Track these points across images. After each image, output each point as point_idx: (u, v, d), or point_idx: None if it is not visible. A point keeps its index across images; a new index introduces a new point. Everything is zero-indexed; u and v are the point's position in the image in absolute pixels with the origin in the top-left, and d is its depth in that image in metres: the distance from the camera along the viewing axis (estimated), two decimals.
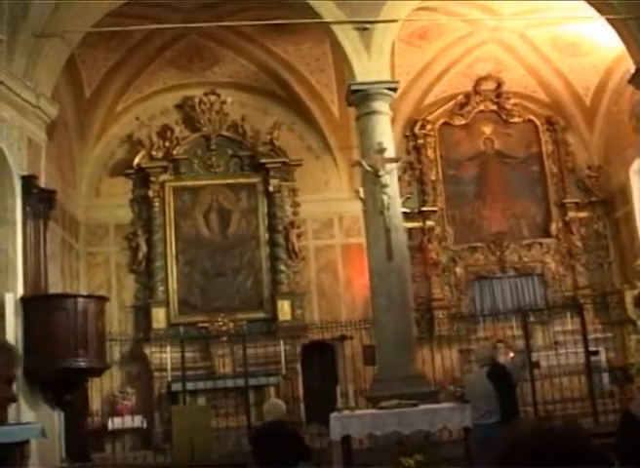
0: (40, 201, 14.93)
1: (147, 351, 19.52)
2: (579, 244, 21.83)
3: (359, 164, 15.18)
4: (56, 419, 13.77)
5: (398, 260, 14.78)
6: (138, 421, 18.81)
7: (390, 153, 15.22)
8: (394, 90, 15.72)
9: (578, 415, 15.79)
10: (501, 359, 11.41)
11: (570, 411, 16.03)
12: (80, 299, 14.14)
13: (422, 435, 12.33)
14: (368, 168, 14.86)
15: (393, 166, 15.12)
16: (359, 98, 15.51)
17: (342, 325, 18.43)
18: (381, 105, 15.51)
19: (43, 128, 15.73)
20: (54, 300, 13.92)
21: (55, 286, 17.13)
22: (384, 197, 14.66)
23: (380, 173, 14.69)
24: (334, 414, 12.19)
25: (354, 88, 15.42)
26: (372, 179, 14.94)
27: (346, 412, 12.36)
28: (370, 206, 15.21)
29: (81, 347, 13.78)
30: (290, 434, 9.66)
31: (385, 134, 15.36)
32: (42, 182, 15.53)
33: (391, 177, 14.97)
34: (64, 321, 13.62)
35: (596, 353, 17.22)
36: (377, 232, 14.89)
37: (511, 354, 12.77)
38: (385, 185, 14.70)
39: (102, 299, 14.85)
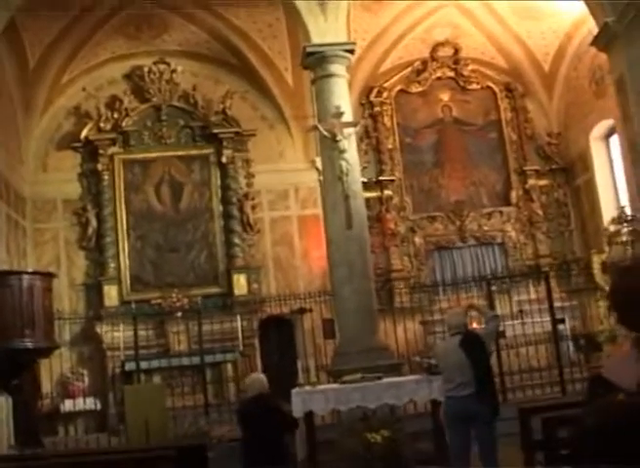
0: None
1: (99, 330, 18.72)
2: (539, 212, 21.34)
3: (316, 128, 14.51)
4: (3, 404, 12.98)
5: (358, 229, 14.13)
6: (91, 403, 18.03)
7: (348, 117, 14.53)
8: (351, 52, 15.05)
9: (545, 385, 15.32)
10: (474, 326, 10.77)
11: (536, 381, 15.54)
12: (25, 276, 13.33)
13: (388, 409, 11.71)
14: (325, 133, 14.18)
15: (351, 130, 14.45)
16: (315, 61, 14.82)
17: (301, 297, 17.69)
18: (338, 68, 14.84)
19: None
20: None
21: (1, 265, 16.34)
22: (343, 163, 13.98)
23: (338, 137, 14.01)
24: (295, 390, 11.56)
25: (310, 50, 14.74)
26: (329, 145, 14.26)
27: (308, 388, 11.74)
28: (327, 172, 14.54)
29: (28, 327, 12.99)
30: (275, 407, 9.08)
31: (343, 97, 14.69)
32: None
33: (349, 143, 14.31)
34: (9, 299, 12.82)
35: (563, 321, 16.68)
36: (335, 200, 14.22)
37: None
38: (343, 151, 14.03)
39: (49, 276, 14.02)
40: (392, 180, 20.95)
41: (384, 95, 21.44)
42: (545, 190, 21.59)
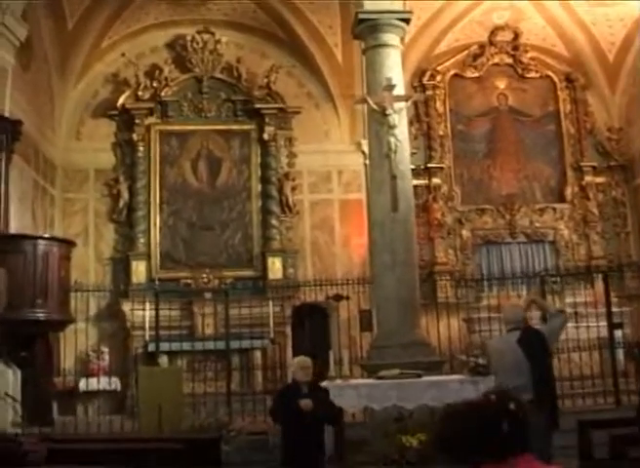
0: (2, 131, 12.96)
1: (125, 307, 17.57)
2: (595, 211, 19.90)
3: (364, 101, 13.16)
4: (9, 377, 11.82)
5: (404, 211, 12.79)
6: (111, 383, 16.87)
7: (400, 90, 13.18)
8: (406, 21, 13.67)
9: (597, 394, 13.93)
10: (535, 322, 9.37)
11: (587, 390, 14.14)
12: (41, 242, 12.21)
13: (427, 411, 10.39)
14: (374, 106, 12.85)
15: (403, 105, 13.10)
16: (367, 30, 13.50)
17: (338, 283, 16.31)
18: (392, 38, 13.50)
19: (10, 50, 13.77)
20: (9, 241, 11.94)
21: (25, 231, 15.21)
22: (392, 139, 12.64)
23: (388, 111, 12.67)
24: (325, 383, 10.25)
25: (362, 17, 13.40)
26: (378, 119, 12.93)
27: (339, 382, 10.45)
28: (374, 149, 13.19)
29: (40, 297, 11.86)
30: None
31: (395, 69, 13.35)
32: (6, 111, 13.58)
33: (400, 118, 12.96)
34: (21, 266, 11.73)
35: (620, 326, 15.24)
36: (381, 179, 12.88)
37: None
38: (393, 126, 12.69)
39: (68, 244, 12.92)
40: (441, 168, 19.62)
41: (438, 78, 20.09)
42: (602, 188, 20.15)
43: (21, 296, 11.45)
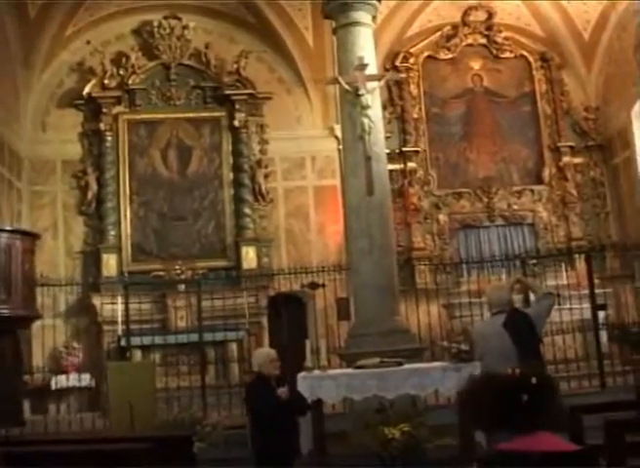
0: None
1: (96, 302, 17.02)
2: (573, 192, 19.47)
3: (336, 81, 12.67)
4: None
5: (380, 195, 12.30)
6: (84, 380, 16.39)
7: (373, 70, 12.70)
8: None
9: (582, 377, 13.54)
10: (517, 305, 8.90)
11: (572, 373, 13.76)
12: (2, 235, 11.60)
13: (409, 400, 9.94)
14: (346, 86, 12.34)
15: (376, 85, 12.59)
16: (337, 8, 12.98)
17: (313, 271, 15.82)
18: (363, 16, 12.98)
19: None
20: None
21: None
22: (365, 120, 12.15)
23: (361, 91, 12.17)
24: (302, 375, 9.81)
25: None
26: (350, 100, 12.43)
27: (317, 372, 9.96)
28: (347, 131, 12.70)
29: (3, 292, 11.31)
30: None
31: (367, 48, 12.84)
32: None
33: (373, 98, 12.46)
34: None
35: (604, 307, 14.84)
36: (355, 162, 12.39)
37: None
38: (366, 107, 12.20)
39: (32, 236, 12.30)
40: (417, 152, 19.14)
41: (411, 60, 19.59)
42: (580, 169, 19.73)
43: None
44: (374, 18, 13.34)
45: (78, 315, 17.41)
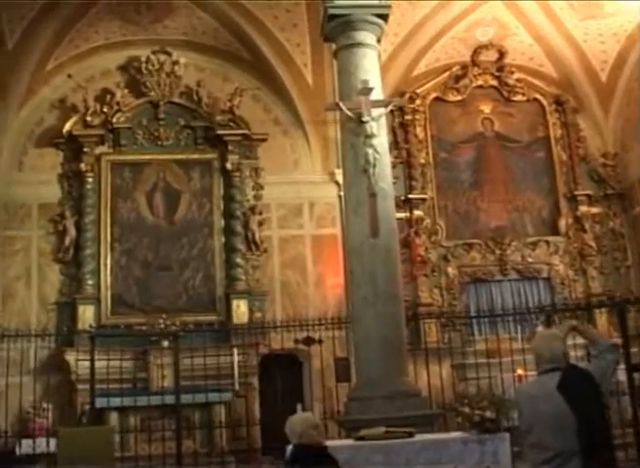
0: None
1: (70, 357, 15.13)
2: (592, 243, 17.77)
3: (337, 107, 10.94)
4: None
5: (385, 237, 10.52)
6: (54, 445, 14.39)
7: (378, 95, 10.98)
8: (384, 18, 11.49)
9: (617, 447, 11.56)
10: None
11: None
12: None
13: None
14: (348, 112, 10.63)
15: (382, 111, 10.86)
16: (338, 27, 11.42)
17: (310, 324, 13.84)
18: (367, 36, 11.41)
19: None
20: None
21: None
22: (370, 151, 10.44)
23: (365, 118, 10.46)
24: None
25: (332, 12, 11.32)
26: (353, 129, 10.74)
27: None
28: (349, 164, 10.95)
29: None
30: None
31: (372, 71, 11.21)
32: None
33: (379, 127, 10.74)
34: None
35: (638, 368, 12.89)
36: (358, 199, 10.64)
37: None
38: (371, 135, 10.50)
39: None
40: (424, 200, 17.47)
41: (417, 102, 18.00)
42: (599, 219, 18.07)
43: None
44: (379, 40, 11.66)
45: (49, 372, 15.45)
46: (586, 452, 4.90)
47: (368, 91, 10.60)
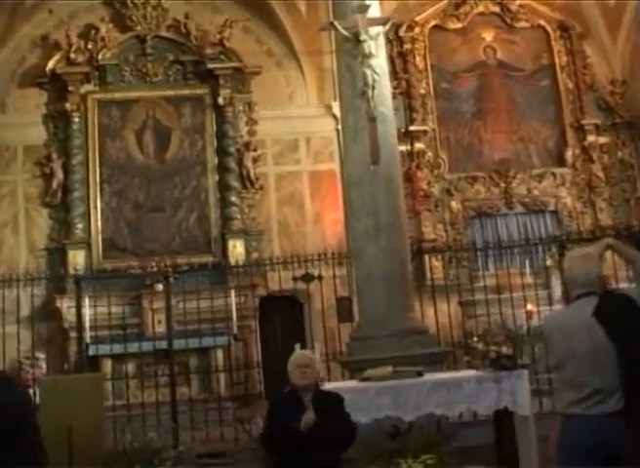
0: None
1: (61, 305, 14.42)
2: (600, 174, 16.97)
3: (332, 26, 10.02)
4: None
5: (387, 164, 9.72)
6: None
7: (376, 12, 10.09)
8: None
9: None
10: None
11: None
12: None
13: (432, 423, 7.33)
14: (344, 31, 9.74)
15: (380, 30, 9.98)
16: None
17: (308, 260, 12.95)
18: None
19: None
20: None
21: None
22: (368, 72, 9.58)
23: (362, 37, 9.57)
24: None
25: None
26: (350, 50, 9.89)
27: None
28: (347, 87, 10.13)
29: None
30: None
31: None
32: None
33: (377, 46, 9.87)
34: None
35: None
36: (356, 124, 9.83)
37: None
38: (369, 55, 9.63)
39: None
40: (425, 132, 16.61)
41: (416, 30, 17.03)
42: (607, 149, 17.20)
43: None
44: None
45: (42, 321, 14.76)
46: (629, 389, 4.16)
47: (365, 8, 9.72)
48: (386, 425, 7.23)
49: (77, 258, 14.95)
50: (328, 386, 7.60)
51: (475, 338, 9.19)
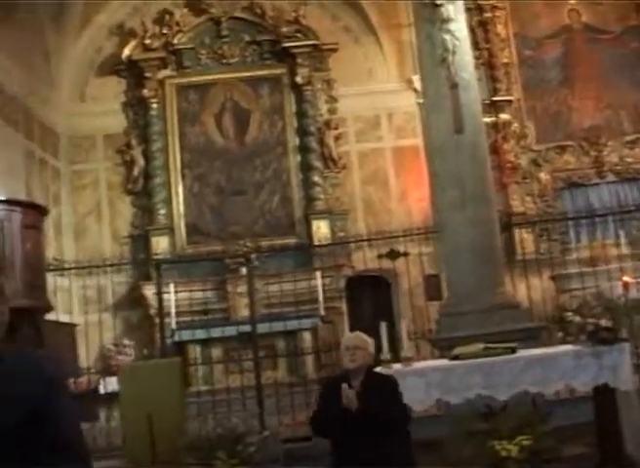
0: None
1: (147, 291, 14.29)
2: None
3: None
4: None
5: (471, 132, 9.23)
6: None
7: None
8: None
9: None
10: None
11: None
12: None
13: (527, 402, 6.87)
14: None
15: None
16: None
17: (393, 236, 12.44)
18: None
19: None
20: None
21: None
22: (447, 37, 9.12)
23: (440, 1, 9.08)
24: (376, 371, 6.85)
25: None
26: (427, 16, 9.43)
27: (398, 367, 6.97)
28: (426, 56, 9.65)
29: None
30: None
31: None
32: None
33: (456, 10, 9.36)
34: None
35: None
36: (437, 92, 9.37)
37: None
38: (448, 20, 9.15)
39: (36, 209, 9.43)
40: (510, 102, 15.96)
41: None
42: None
43: None
44: None
45: (129, 307, 14.77)
46: None
47: None
48: (478, 405, 6.79)
49: (160, 244, 14.85)
50: (416, 365, 7.22)
51: (570, 313, 8.69)
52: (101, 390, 13.40)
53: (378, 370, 6.89)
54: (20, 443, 1.99)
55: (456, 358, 7.00)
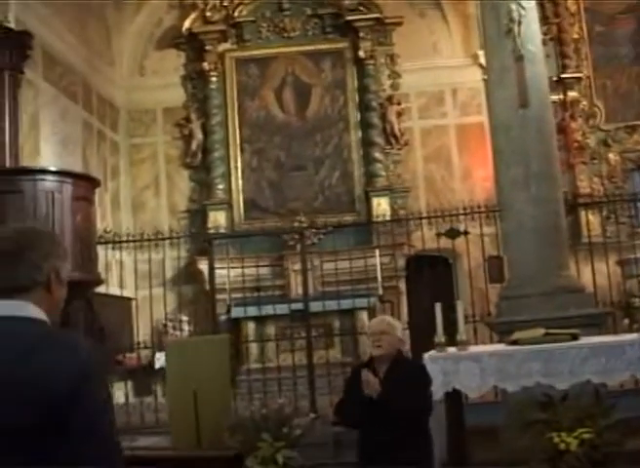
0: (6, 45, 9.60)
1: (203, 266, 14.07)
2: None
3: None
4: None
5: (537, 107, 8.73)
6: None
7: None
8: None
9: None
10: None
11: None
12: (44, 177, 8.57)
13: (589, 392, 6.45)
14: None
15: None
16: None
17: (454, 214, 12.06)
18: None
19: None
20: None
21: None
22: (513, 6, 8.61)
23: None
24: (430, 354, 6.52)
25: None
26: None
27: (453, 351, 6.60)
28: (490, 26, 9.14)
29: None
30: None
31: None
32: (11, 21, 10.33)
33: None
34: (14, 211, 8.14)
35: None
36: (502, 65, 8.86)
37: None
38: None
39: (88, 181, 9.21)
40: (579, 79, 15.39)
41: None
42: None
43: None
44: None
45: (185, 282, 14.54)
46: None
47: None
48: (537, 394, 6.40)
49: (218, 220, 14.67)
50: (472, 350, 6.84)
51: (637, 299, 8.25)
52: (156, 365, 13.32)
53: (431, 353, 6.58)
54: (43, 437, 1.97)
55: (514, 343, 6.61)
